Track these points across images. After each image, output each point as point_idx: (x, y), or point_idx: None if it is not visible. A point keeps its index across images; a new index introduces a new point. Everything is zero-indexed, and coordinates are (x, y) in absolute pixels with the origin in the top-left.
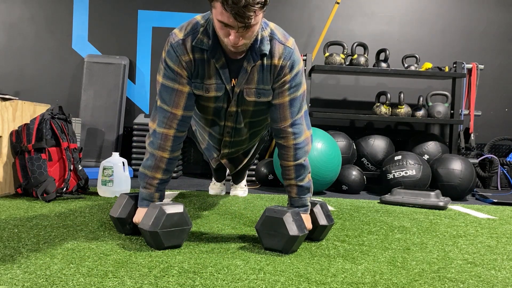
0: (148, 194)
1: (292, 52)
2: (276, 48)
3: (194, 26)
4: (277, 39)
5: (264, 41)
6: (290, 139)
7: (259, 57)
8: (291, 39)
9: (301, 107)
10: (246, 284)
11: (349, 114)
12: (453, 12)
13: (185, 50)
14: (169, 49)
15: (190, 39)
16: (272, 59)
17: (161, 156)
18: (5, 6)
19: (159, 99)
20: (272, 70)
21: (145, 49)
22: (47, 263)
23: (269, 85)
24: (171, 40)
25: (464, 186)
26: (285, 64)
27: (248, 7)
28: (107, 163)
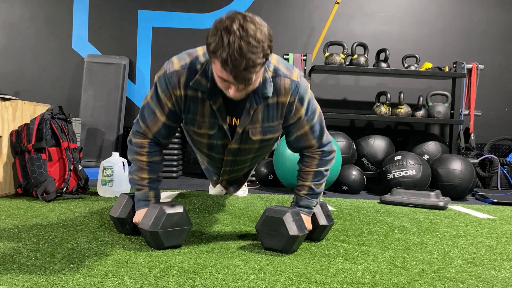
0: (142, 194)
1: (298, 85)
2: (282, 84)
3: (193, 62)
4: (282, 74)
5: (267, 83)
6: (317, 154)
7: (261, 100)
8: (295, 71)
9: (323, 128)
10: (246, 284)
11: (349, 114)
12: (453, 12)
13: (178, 84)
14: (162, 77)
15: (186, 73)
16: (279, 97)
17: (140, 160)
18: (5, 6)
19: (139, 113)
20: (279, 107)
21: (145, 49)
22: (47, 263)
23: (276, 121)
24: (166, 68)
25: (464, 186)
26: (293, 100)
27: (248, 69)
28: (107, 163)
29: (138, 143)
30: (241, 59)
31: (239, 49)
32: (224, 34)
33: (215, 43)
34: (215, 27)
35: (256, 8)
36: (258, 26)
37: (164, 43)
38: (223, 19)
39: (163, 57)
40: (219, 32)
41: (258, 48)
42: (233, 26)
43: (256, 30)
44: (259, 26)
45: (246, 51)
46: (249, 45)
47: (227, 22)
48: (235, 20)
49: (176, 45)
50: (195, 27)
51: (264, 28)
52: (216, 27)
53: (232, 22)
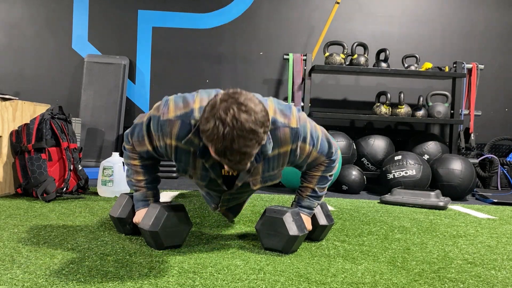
0: (141, 194)
1: (298, 131)
2: (282, 135)
3: (188, 115)
4: (281, 125)
5: (266, 142)
6: (325, 163)
7: (261, 158)
8: (293, 114)
9: (328, 143)
10: (246, 284)
11: (349, 114)
12: (453, 12)
13: (169, 134)
14: (156, 120)
15: (178, 126)
16: (280, 148)
17: (134, 164)
18: (5, 6)
19: (132, 127)
20: (281, 157)
21: (145, 49)
22: (47, 263)
23: (277, 169)
24: (161, 112)
25: (464, 186)
26: (295, 146)
27: (243, 161)
28: (107, 163)
29: (129, 150)
30: (235, 153)
31: (234, 143)
32: (219, 124)
33: (210, 132)
34: (210, 113)
35: (256, 8)
36: (253, 115)
37: (164, 43)
38: (217, 104)
39: (163, 57)
40: (213, 121)
41: (253, 138)
42: (227, 118)
43: (251, 119)
44: (254, 113)
45: (240, 145)
46: (243, 138)
47: (221, 112)
48: (230, 110)
49: (176, 45)
50: (195, 27)
51: (259, 114)
52: (211, 113)
53: (226, 111)
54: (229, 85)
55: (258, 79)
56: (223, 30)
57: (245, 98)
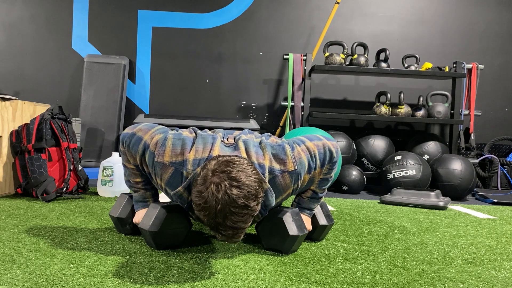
0: (140, 195)
1: (298, 172)
2: (282, 181)
3: (181, 164)
4: (279, 173)
5: (268, 195)
6: (326, 168)
7: (266, 212)
8: (288, 157)
9: (325, 151)
10: (246, 284)
11: (349, 114)
12: (453, 12)
13: (161, 177)
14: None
15: (170, 173)
16: (283, 194)
17: (130, 167)
18: (5, 6)
19: (129, 134)
20: (284, 198)
21: (145, 49)
22: (47, 263)
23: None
24: (157, 151)
25: (464, 186)
26: (297, 186)
27: (237, 235)
28: (107, 163)
29: (125, 153)
30: (228, 229)
31: (226, 219)
32: (211, 199)
33: (201, 207)
34: (202, 187)
35: (256, 8)
36: (245, 189)
37: (164, 43)
38: (208, 178)
39: (163, 57)
40: (205, 196)
41: (246, 214)
42: (219, 194)
43: (242, 195)
44: (247, 187)
45: (233, 221)
46: (236, 214)
47: (212, 188)
48: (221, 186)
49: (176, 45)
50: (195, 27)
51: (251, 187)
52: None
53: (218, 187)
54: (229, 85)
55: (258, 79)
56: (223, 30)
57: (238, 171)
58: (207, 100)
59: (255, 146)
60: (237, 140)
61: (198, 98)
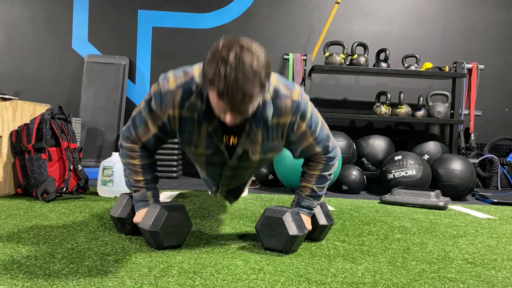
0: (140, 195)
1: (299, 104)
2: (283, 105)
3: (188, 82)
4: (282, 95)
5: (266, 106)
6: (323, 160)
7: (262, 123)
8: (295, 89)
9: (327, 135)
10: (246, 284)
11: (349, 114)
12: (453, 12)
13: (172, 104)
14: (158, 94)
15: (180, 94)
16: (279, 118)
17: (133, 163)
18: (5, 6)
19: (131, 120)
20: (280, 127)
21: (145, 49)
22: (47, 263)
23: (276, 140)
24: (161, 85)
25: (464, 186)
26: (295, 119)
27: (245, 101)
28: (107, 163)
29: (129, 148)
30: (237, 91)
31: (236, 81)
32: (221, 65)
33: (212, 73)
34: (212, 56)
35: (256, 8)
36: (255, 56)
37: (164, 43)
38: (219, 48)
39: (163, 57)
40: (216, 62)
41: (255, 79)
42: (229, 57)
43: (253, 60)
44: (256, 55)
45: (242, 83)
46: (245, 76)
47: (223, 52)
48: (232, 50)
49: (176, 45)
50: (195, 27)
51: (261, 56)
52: (213, 55)
53: (228, 52)
54: None
55: None
56: (223, 30)
57: (248, 42)
58: None
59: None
60: None
61: None
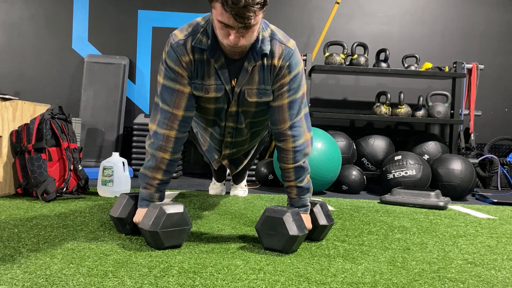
0: (148, 194)
1: (292, 52)
2: (277, 48)
3: (194, 28)
4: (278, 39)
5: (265, 41)
6: (289, 141)
7: (259, 57)
8: (291, 41)
9: (300, 109)
10: (246, 284)
11: (349, 114)
12: (453, 12)
13: (185, 51)
14: (169, 49)
15: (190, 39)
16: (273, 59)
17: (162, 157)
18: (5, 6)
19: (160, 100)
20: (272, 70)
21: (145, 49)
22: (47, 263)
23: (269, 84)
24: (171, 40)
25: (464, 186)
26: (284, 64)
27: (247, 7)
28: (107, 163)
29: (165, 136)
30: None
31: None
32: None
33: None
34: None
35: None
36: None
37: (164, 43)
38: None
39: None
40: None
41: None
42: None
43: None
44: None
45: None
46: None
47: None
48: None
49: None
50: None
51: None
52: None
53: None
54: None
55: None
56: None
57: None
58: None
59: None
60: None
61: None
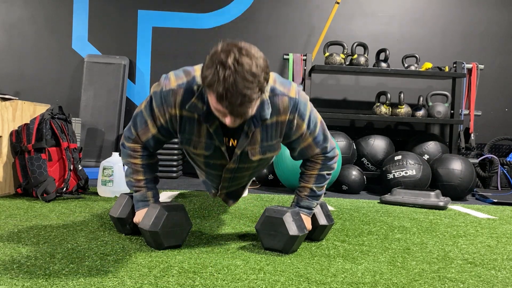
0: (141, 195)
1: (297, 101)
2: (280, 102)
3: (190, 82)
4: (279, 93)
5: (264, 105)
6: (320, 159)
7: (260, 123)
8: (292, 87)
9: (325, 136)
10: (246, 284)
11: (349, 114)
12: (453, 12)
13: (173, 104)
14: (159, 93)
15: (182, 93)
16: (278, 116)
17: (134, 163)
18: (5, 6)
19: (132, 120)
20: (278, 126)
21: (145, 49)
22: (47, 263)
23: (275, 139)
24: (163, 85)
25: (464, 186)
26: (293, 117)
27: (244, 104)
28: (107, 163)
29: (131, 147)
30: (236, 95)
31: (235, 84)
32: (220, 68)
33: (211, 77)
34: (210, 60)
35: (256, 8)
36: (253, 59)
37: (164, 43)
38: (218, 52)
39: (163, 57)
40: (214, 66)
41: (254, 82)
42: (228, 60)
43: (252, 63)
44: (255, 59)
45: (241, 87)
46: (244, 80)
47: (222, 56)
48: (231, 54)
49: (176, 45)
50: (195, 27)
51: (260, 60)
52: (212, 59)
53: (227, 55)
54: None
55: None
56: (223, 30)
57: (246, 45)
58: None
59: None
60: None
61: None
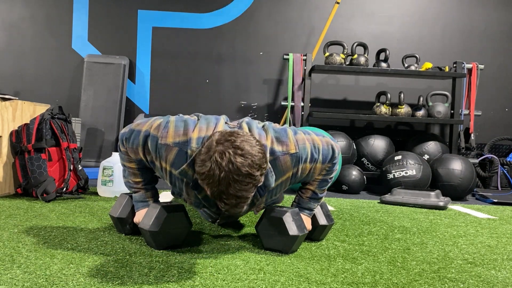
0: (140, 196)
1: (299, 155)
2: (283, 163)
3: (185, 144)
4: (280, 154)
5: (268, 175)
6: (324, 171)
7: (265, 191)
8: (290, 140)
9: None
10: (246, 284)
11: (349, 114)
12: (453, 12)
13: (165, 159)
14: (155, 140)
15: (175, 154)
16: (282, 176)
17: (130, 166)
18: (5, 6)
19: (127, 132)
20: (284, 183)
21: (145, 49)
22: (47, 263)
23: (279, 192)
24: (160, 133)
25: (464, 186)
26: (297, 169)
27: (239, 204)
28: (107, 163)
29: (125, 152)
30: (231, 197)
31: (230, 187)
32: (215, 168)
33: (205, 175)
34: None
35: (256, 8)
36: (249, 158)
37: (164, 43)
38: (213, 147)
39: (163, 57)
40: (208, 164)
41: (249, 183)
42: (223, 162)
43: (247, 163)
44: (251, 156)
45: (237, 190)
46: (239, 183)
47: (216, 156)
48: (225, 154)
49: (176, 45)
50: (195, 27)
51: (255, 156)
52: (207, 155)
53: (222, 155)
54: (229, 85)
55: (258, 79)
56: (223, 30)
57: (242, 140)
58: (207, 100)
59: (258, 128)
60: (241, 122)
61: (198, 98)
